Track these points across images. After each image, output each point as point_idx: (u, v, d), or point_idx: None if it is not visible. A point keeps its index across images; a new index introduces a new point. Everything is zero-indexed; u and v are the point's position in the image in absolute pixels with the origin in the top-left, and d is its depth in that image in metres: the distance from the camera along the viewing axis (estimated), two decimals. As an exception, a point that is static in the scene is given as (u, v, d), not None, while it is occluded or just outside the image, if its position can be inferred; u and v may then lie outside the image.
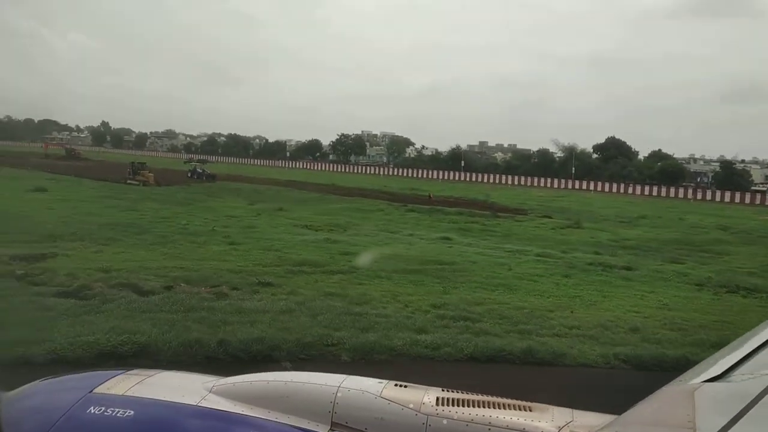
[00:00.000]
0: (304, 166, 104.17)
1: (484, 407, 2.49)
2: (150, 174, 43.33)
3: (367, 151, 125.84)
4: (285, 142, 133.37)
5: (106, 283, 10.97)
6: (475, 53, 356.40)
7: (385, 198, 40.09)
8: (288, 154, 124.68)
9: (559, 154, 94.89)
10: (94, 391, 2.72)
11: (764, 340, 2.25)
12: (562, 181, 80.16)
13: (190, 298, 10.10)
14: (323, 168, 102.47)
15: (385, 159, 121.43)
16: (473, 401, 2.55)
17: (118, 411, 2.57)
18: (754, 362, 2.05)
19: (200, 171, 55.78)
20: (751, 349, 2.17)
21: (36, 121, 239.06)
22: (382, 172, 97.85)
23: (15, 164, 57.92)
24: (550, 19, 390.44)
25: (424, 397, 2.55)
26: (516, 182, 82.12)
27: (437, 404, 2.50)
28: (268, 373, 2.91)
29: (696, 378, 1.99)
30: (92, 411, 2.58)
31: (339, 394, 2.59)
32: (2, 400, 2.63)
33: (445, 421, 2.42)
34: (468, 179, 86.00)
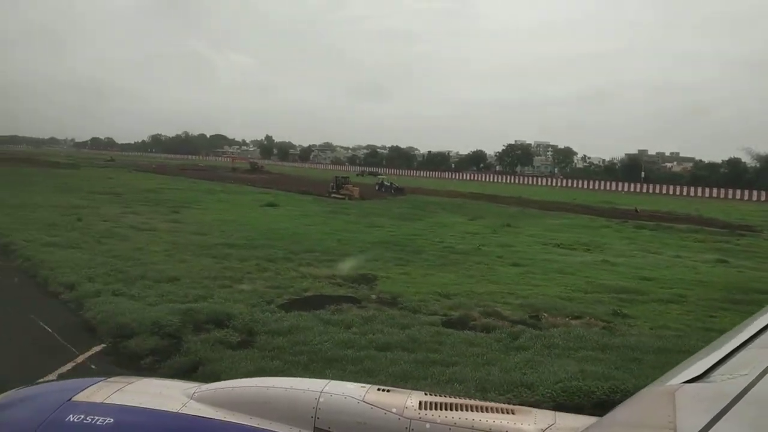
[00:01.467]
0: (470, 178, 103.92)
1: (466, 410, 2.46)
2: (355, 188, 44.33)
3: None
4: (447, 153, 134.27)
5: (471, 311, 10.62)
6: (626, 58, 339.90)
7: (585, 212, 38.29)
8: (453, 165, 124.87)
9: (754, 163, 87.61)
10: (73, 399, 2.68)
11: (742, 341, 2.24)
12: (762, 193, 73.21)
13: (587, 332, 9.42)
14: (489, 179, 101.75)
15: (549, 169, 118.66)
16: (456, 404, 2.51)
17: (98, 419, 2.53)
18: (732, 363, 2.03)
19: (388, 184, 56.57)
20: (729, 350, 2.15)
21: (208, 136, 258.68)
22: (550, 183, 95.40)
23: (211, 177, 62.18)
24: (715, 16, 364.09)
25: (407, 401, 2.52)
26: (705, 194, 76.22)
27: (420, 408, 2.46)
28: (250, 378, 2.87)
29: (676, 379, 1.97)
30: (71, 419, 2.53)
31: (321, 399, 2.54)
32: None
33: (427, 425, 2.39)
34: (647, 191, 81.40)
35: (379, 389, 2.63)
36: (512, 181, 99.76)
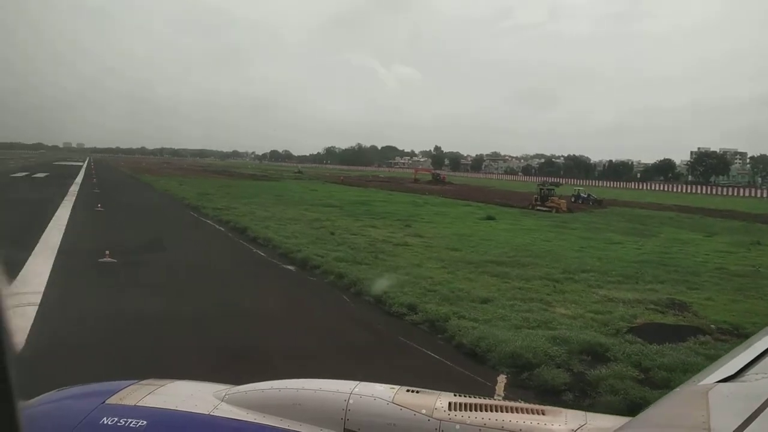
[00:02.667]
0: (659, 188, 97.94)
1: (496, 411, 2.38)
2: (561, 200, 42.98)
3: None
4: (630, 162, 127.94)
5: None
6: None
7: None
8: (638, 175, 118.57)
9: None
10: (107, 401, 2.68)
11: None
12: None
13: None
14: (681, 190, 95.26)
15: (747, 179, 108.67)
16: (485, 405, 2.43)
17: (131, 421, 2.51)
18: (767, 361, 1.91)
19: (584, 195, 54.64)
20: (764, 349, 2.03)
21: (379, 148, 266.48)
22: (757, 194, 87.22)
23: (399, 188, 63.38)
24: None
25: (437, 402, 2.46)
26: None
27: (449, 409, 2.40)
28: (280, 380, 2.74)
29: (709, 378, 1.87)
30: (105, 421, 2.52)
31: (351, 401, 2.49)
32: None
33: (457, 426, 2.31)
34: None
35: (408, 390, 2.59)
36: (707, 192, 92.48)
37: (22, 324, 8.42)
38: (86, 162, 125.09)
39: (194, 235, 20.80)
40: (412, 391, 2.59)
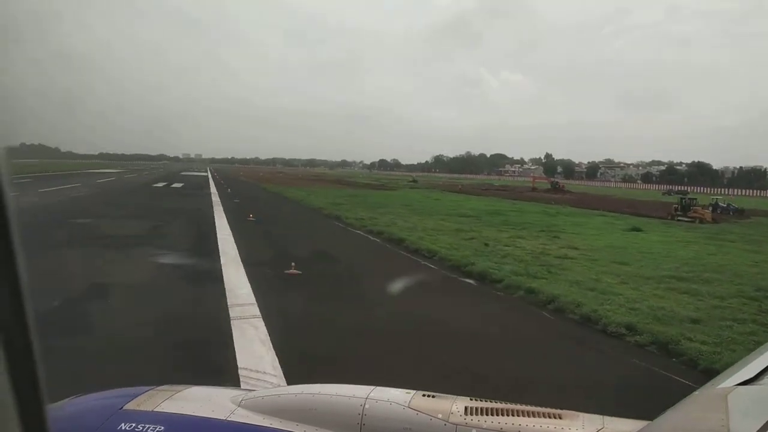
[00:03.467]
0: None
1: (513, 415, 2.33)
2: (705, 210, 40.71)
3: None
4: (763, 168, 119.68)
5: None
6: None
7: None
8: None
9: None
10: (124, 407, 2.67)
11: None
12: None
13: None
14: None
15: None
16: (502, 410, 2.38)
17: (149, 427, 2.48)
18: None
19: (724, 205, 51.59)
20: None
21: (488, 156, 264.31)
22: None
23: (519, 197, 62.15)
24: None
25: (452, 406, 2.41)
26: None
27: (465, 413, 2.36)
28: (296, 385, 2.76)
29: (728, 381, 1.85)
30: (123, 427, 2.49)
31: (367, 406, 2.46)
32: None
33: (473, 430, 2.27)
34: None
35: (424, 395, 2.52)
36: None
37: (258, 336, 8.61)
38: (208, 172, 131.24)
39: (356, 245, 20.73)
40: (428, 396, 2.55)
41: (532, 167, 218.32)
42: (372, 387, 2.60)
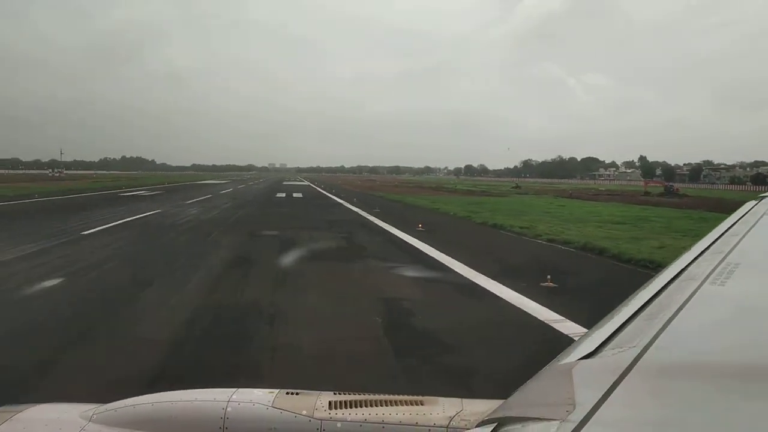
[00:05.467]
0: None
1: (376, 406, 2.36)
2: None
3: None
4: None
5: None
6: None
7: None
8: None
9: None
10: None
11: (628, 316, 2.32)
12: None
13: None
14: None
15: None
16: (366, 401, 2.40)
17: None
18: (621, 337, 2.08)
19: None
20: (618, 325, 2.21)
21: (579, 159, 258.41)
22: None
23: (641, 202, 59.91)
24: None
25: (317, 402, 2.40)
26: None
27: (330, 408, 2.36)
28: (153, 394, 2.53)
29: (572, 356, 1.97)
30: None
31: (229, 409, 2.37)
32: None
33: (339, 424, 2.28)
34: None
35: (287, 393, 2.47)
36: None
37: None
38: (304, 181, 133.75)
39: (579, 262, 18.93)
40: (292, 394, 2.50)
41: (628, 171, 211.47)
42: (234, 389, 2.51)
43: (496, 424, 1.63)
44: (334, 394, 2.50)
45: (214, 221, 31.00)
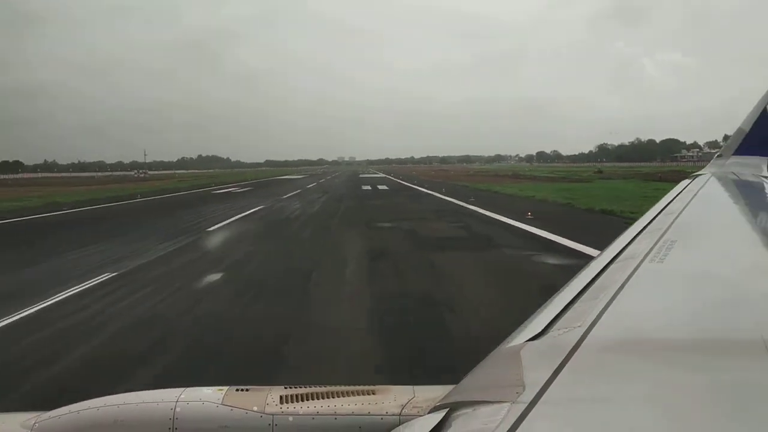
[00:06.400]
0: None
1: (328, 398, 2.33)
2: None
3: None
4: None
5: None
6: None
7: None
8: None
9: None
10: None
11: (573, 295, 2.37)
12: None
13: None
14: None
15: None
16: (317, 394, 2.36)
17: None
18: (566, 318, 2.11)
19: None
20: (563, 306, 2.25)
21: (657, 141, 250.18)
22: None
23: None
24: None
25: (267, 397, 2.34)
26: None
27: (281, 402, 2.31)
28: (97, 399, 2.40)
29: (519, 338, 2.00)
30: None
31: (178, 409, 2.28)
32: None
33: (291, 418, 2.24)
34: None
35: (237, 390, 2.40)
36: None
37: None
38: (378, 173, 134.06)
39: None
40: (242, 390, 2.42)
41: (712, 150, 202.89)
42: (182, 389, 2.43)
43: (448, 409, 1.63)
44: (285, 388, 2.44)
45: (327, 214, 31.71)
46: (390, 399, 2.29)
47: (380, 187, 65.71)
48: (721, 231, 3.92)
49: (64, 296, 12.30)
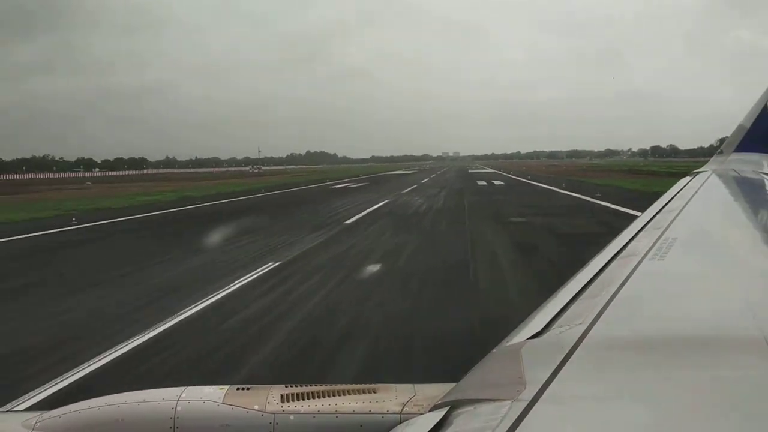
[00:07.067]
0: None
1: (329, 396, 2.31)
2: None
3: None
4: None
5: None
6: None
7: None
8: None
9: None
10: None
11: (574, 293, 2.37)
12: None
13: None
14: None
15: None
16: (318, 392, 2.33)
17: None
18: (567, 316, 2.12)
19: None
20: (563, 304, 2.25)
21: None
22: None
23: None
24: None
25: (268, 396, 2.32)
26: None
27: (282, 401, 2.28)
28: (98, 398, 2.39)
29: (519, 337, 2.01)
30: None
31: (179, 408, 2.27)
32: None
33: (292, 417, 2.22)
34: None
35: (238, 389, 2.37)
36: None
37: None
38: (486, 168, 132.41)
39: None
40: (243, 389, 2.36)
41: None
42: (183, 388, 2.37)
43: (449, 407, 1.60)
44: (286, 387, 2.39)
45: (470, 213, 30.40)
46: (391, 397, 2.27)
47: (496, 182, 64.69)
48: (722, 228, 3.90)
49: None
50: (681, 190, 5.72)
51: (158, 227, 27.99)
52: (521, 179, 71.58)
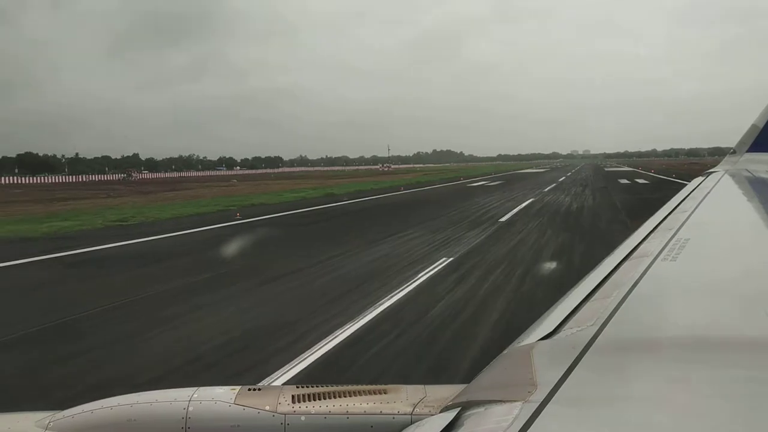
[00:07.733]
0: None
1: (340, 397, 2.31)
2: None
3: None
4: None
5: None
6: None
7: None
8: None
9: None
10: None
11: (585, 294, 2.35)
12: None
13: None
14: None
15: None
16: (329, 393, 2.34)
17: None
18: (578, 317, 2.10)
19: None
20: (575, 305, 2.24)
21: None
22: None
23: None
24: None
25: (279, 396, 2.33)
26: None
27: (293, 402, 2.29)
28: (111, 398, 2.42)
29: (531, 338, 2.00)
30: None
31: (191, 408, 2.29)
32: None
33: (303, 418, 2.23)
34: None
35: (249, 389, 2.40)
36: None
37: None
38: (622, 167, 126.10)
39: None
40: (254, 390, 2.39)
41: None
42: (195, 388, 2.36)
43: (459, 408, 1.59)
44: (297, 387, 2.40)
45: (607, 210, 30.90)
46: (402, 398, 2.27)
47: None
48: (735, 229, 3.88)
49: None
50: (694, 190, 5.76)
51: (325, 221, 29.62)
52: (670, 179, 67.29)
